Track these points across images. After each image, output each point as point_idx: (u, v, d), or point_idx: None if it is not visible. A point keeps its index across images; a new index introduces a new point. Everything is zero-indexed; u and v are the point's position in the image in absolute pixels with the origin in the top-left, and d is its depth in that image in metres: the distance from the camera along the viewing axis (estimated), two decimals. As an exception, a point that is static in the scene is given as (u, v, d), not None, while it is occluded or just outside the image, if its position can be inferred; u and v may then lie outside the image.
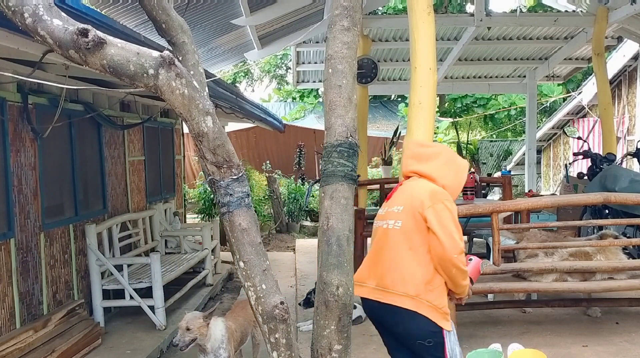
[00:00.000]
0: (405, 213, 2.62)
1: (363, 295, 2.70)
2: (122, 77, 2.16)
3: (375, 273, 2.69)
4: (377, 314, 2.70)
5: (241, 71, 22.07)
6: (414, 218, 2.59)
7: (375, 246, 2.76)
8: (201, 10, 6.99)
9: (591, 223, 5.37)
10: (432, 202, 2.55)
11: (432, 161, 2.73)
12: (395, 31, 8.61)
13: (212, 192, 2.51)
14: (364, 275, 2.74)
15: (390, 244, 2.66)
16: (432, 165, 2.72)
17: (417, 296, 2.53)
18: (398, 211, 2.67)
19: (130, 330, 5.51)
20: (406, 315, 2.54)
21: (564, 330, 4.57)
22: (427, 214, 2.53)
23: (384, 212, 2.77)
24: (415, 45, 3.80)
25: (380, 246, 2.72)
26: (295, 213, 12.13)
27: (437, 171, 2.70)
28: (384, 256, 2.68)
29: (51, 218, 5.05)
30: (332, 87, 2.75)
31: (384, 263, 2.67)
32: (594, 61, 7.45)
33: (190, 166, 15.28)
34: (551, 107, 17.30)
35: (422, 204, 2.56)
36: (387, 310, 2.61)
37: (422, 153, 2.80)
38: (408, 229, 2.60)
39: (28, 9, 2.08)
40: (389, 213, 2.73)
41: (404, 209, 2.64)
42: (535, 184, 11.15)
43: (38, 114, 4.79)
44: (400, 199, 2.72)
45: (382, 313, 2.66)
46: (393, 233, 2.66)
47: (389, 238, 2.68)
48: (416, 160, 2.79)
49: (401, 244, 2.61)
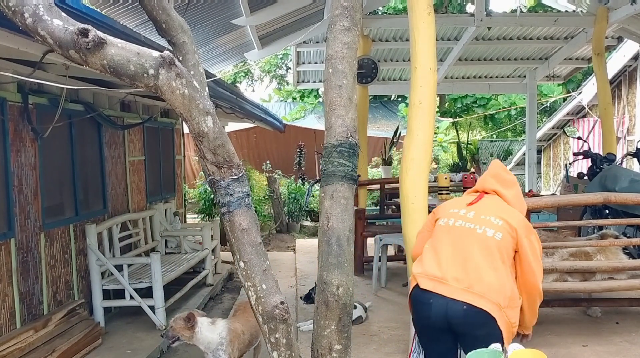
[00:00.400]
0: (504, 229, 2.70)
1: (447, 294, 2.57)
2: (122, 77, 2.16)
3: (461, 274, 2.60)
4: (457, 315, 2.57)
5: (241, 71, 22.07)
6: (511, 237, 2.69)
7: (459, 245, 2.68)
8: (201, 10, 6.99)
9: (591, 223, 5.37)
10: (527, 232, 2.73)
11: (512, 189, 2.96)
12: (396, 31, 8.61)
13: (213, 192, 2.51)
14: (439, 271, 2.63)
15: (482, 250, 2.64)
16: (512, 193, 2.94)
17: (503, 308, 2.58)
18: (497, 223, 2.71)
19: (130, 330, 5.51)
20: (491, 323, 2.57)
21: (564, 330, 4.57)
22: (523, 242, 2.68)
23: (472, 216, 2.75)
24: (415, 45, 3.79)
25: (466, 247, 2.66)
26: (295, 213, 12.13)
27: (515, 201, 2.91)
28: (474, 259, 2.63)
29: (51, 218, 5.05)
30: (332, 87, 2.76)
31: (475, 266, 2.62)
32: (594, 61, 7.45)
33: (191, 166, 15.28)
34: (551, 107, 17.30)
35: (519, 230, 2.71)
36: (476, 313, 2.55)
37: (505, 178, 2.98)
38: (506, 244, 2.68)
39: (28, 9, 2.08)
40: (481, 219, 2.73)
41: (504, 225, 2.71)
42: (535, 184, 11.15)
43: (38, 114, 4.79)
44: (493, 212, 2.77)
45: (466, 315, 2.56)
46: (489, 241, 2.66)
47: (480, 243, 2.66)
48: (499, 183, 2.94)
49: (496, 255, 2.65)
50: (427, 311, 2.62)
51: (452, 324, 2.59)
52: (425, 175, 3.88)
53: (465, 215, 2.77)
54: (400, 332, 4.62)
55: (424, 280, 2.62)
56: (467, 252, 2.65)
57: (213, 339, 3.63)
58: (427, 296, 2.61)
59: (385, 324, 4.91)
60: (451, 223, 2.77)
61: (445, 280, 2.60)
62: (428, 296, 2.61)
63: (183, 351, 5.36)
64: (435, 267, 2.65)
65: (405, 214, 3.90)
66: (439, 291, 2.58)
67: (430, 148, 3.93)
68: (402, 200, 3.91)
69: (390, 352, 4.27)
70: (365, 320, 5.00)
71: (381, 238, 5.93)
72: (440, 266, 2.64)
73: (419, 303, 2.68)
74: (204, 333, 3.63)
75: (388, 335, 4.62)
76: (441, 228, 2.79)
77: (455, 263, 2.64)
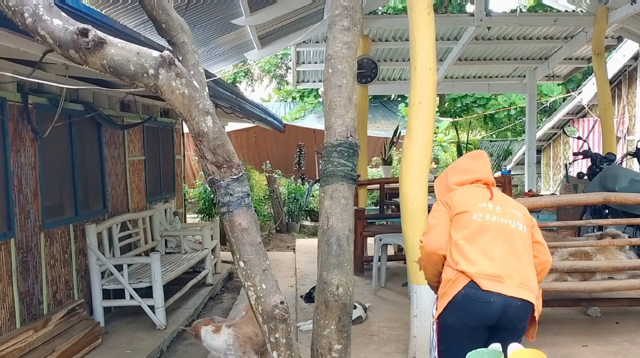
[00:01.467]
0: (524, 221, 2.77)
1: (506, 293, 2.55)
2: (122, 77, 2.16)
3: (513, 268, 2.61)
4: (512, 312, 2.57)
5: (241, 70, 22.05)
6: (529, 227, 2.78)
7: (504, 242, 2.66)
8: (201, 10, 6.99)
9: (591, 223, 5.37)
10: (533, 220, 2.85)
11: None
12: (395, 31, 8.62)
13: (212, 192, 2.51)
14: (495, 269, 2.58)
15: (522, 244, 2.69)
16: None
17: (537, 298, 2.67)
18: (520, 216, 2.76)
19: (130, 330, 5.51)
20: (530, 314, 2.65)
21: (564, 330, 4.57)
22: (535, 229, 2.82)
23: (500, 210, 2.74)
24: (415, 45, 3.80)
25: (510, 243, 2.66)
26: (295, 213, 12.13)
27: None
28: (519, 254, 2.65)
29: (51, 218, 5.05)
30: (332, 87, 2.76)
31: (522, 261, 2.64)
32: (594, 61, 7.46)
33: (190, 166, 15.28)
34: (551, 107, 17.30)
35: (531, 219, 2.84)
36: (527, 307, 2.60)
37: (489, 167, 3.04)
38: (529, 235, 2.76)
39: (28, 8, 2.08)
40: (510, 213, 2.74)
41: (523, 218, 2.78)
42: (535, 184, 11.16)
43: (38, 114, 4.79)
44: (511, 205, 2.82)
45: (520, 311, 2.59)
46: (521, 235, 2.71)
47: (519, 238, 2.69)
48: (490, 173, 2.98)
49: (529, 247, 2.73)
50: (487, 311, 2.57)
51: (502, 320, 2.59)
52: (425, 175, 3.88)
53: (495, 209, 2.74)
54: (400, 331, 4.62)
55: (485, 280, 2.55)
56: (513, 248, 2.65)
57: (219, 346, 3.81)
58: (487, 295, 2.56)
59: (385, 324, 4.91)
60: (487, 218, 2.70)
61: (502, 278, 2.57)
62: (489, 296, 2.56)
63: (183, 351, 5.37)
64: (490, 265, 2.59)
65: (405, 214, 3.90)
66: (499, 290, 2.55)
67: (430, 148, 3.94)
68: (402, 200, 3.91)
69: (389, 352, 4.27)
70: (365, 320, 5.00)
71: (381, 238, 5.93)
72: (494, 264, 2.60)
73: (475, 303, 2.59)
74: (208, 341, 3.87)
75: (388, 335, 4.62)
76: (477, 223, 2.69)
77: (506, 260, 2.62)
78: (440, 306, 2.66)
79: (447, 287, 2.63)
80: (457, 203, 2.78)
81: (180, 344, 5.51)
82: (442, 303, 2.64)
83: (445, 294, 2.64)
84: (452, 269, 2.63)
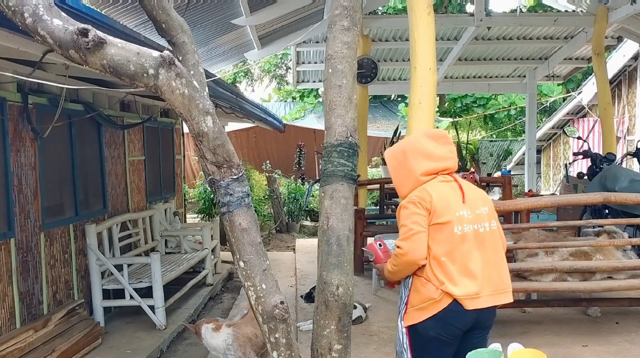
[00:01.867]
0: (491, 215, 2.73)
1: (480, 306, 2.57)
2: (122, 77, 2.16)
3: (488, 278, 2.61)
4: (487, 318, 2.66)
5: (241, 70, 22.05)
6: (495, 218, 2.76)
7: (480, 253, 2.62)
8: (201, 10, 6.99)
9: (591, 223, 5.37)
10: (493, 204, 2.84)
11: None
12: (395, 31, 8.62)
13: (212, 192, 2.50)
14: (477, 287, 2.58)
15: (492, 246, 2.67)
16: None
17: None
18: (486, 212, 2.71)
19: (130, 330, 5.51)
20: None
21: (564, 330, 4.57)
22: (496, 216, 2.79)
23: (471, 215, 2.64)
24: (415, 45, 3.80)
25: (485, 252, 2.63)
26: (295, 213, 12.13)
27: None
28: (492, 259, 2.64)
29: (51, 218, 5.05)
30: (332, 87, 2.76)
31: (494, 265, 2.64)
32: (594, 61, 7.46)
33: (190, 166, 15.28)
34: (551, 107, 17.30)
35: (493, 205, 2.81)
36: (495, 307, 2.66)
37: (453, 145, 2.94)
38: (497, 229, 2.74)
39: (28, 8, 2.08)
40: (478, 215, 2.66)
41: (490, 210, 2.73)
42: (535, 184, 11.16)
43: (38, 114, 4.79)
44: (480, 200, 2.73)
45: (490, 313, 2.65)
46: (491, 235, 2.68)
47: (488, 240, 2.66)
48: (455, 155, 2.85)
49: (499, 243, 2.72)
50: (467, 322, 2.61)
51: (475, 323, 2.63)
52: (425, 175, 3.87)
53: (469, 217, 2.66)
54: (400, 331, 4.62)
55: (468, 300, 2.56)
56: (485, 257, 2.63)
57: (218, 345, 3.79)
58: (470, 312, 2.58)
59: (385, 324, 4.91)
60: (466, 229, 2.63)
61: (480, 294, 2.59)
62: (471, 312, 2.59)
63: (183, 351, 5.37)
64: (472, 285, 2.58)
65: (405, 214, 3.89)
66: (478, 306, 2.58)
67: (430, 148, 3.93)
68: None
69: (389, 352, 4.27)
70: (365, 320, 5.00)
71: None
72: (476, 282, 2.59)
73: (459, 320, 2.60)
74: (208, 339, 3.85)
75: (388, 335, 4.62)
76: (457, 237, 2.61)
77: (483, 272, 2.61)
78: (417, 317, 2.63)
79: (429, 304, 2.59)
80: (437, 209, 2.61)
81: (180, 344, 5.51)
82: (421, 316, 2.62)
83: (425, 309, 2.60)
84: (436, 288, 2.56)
